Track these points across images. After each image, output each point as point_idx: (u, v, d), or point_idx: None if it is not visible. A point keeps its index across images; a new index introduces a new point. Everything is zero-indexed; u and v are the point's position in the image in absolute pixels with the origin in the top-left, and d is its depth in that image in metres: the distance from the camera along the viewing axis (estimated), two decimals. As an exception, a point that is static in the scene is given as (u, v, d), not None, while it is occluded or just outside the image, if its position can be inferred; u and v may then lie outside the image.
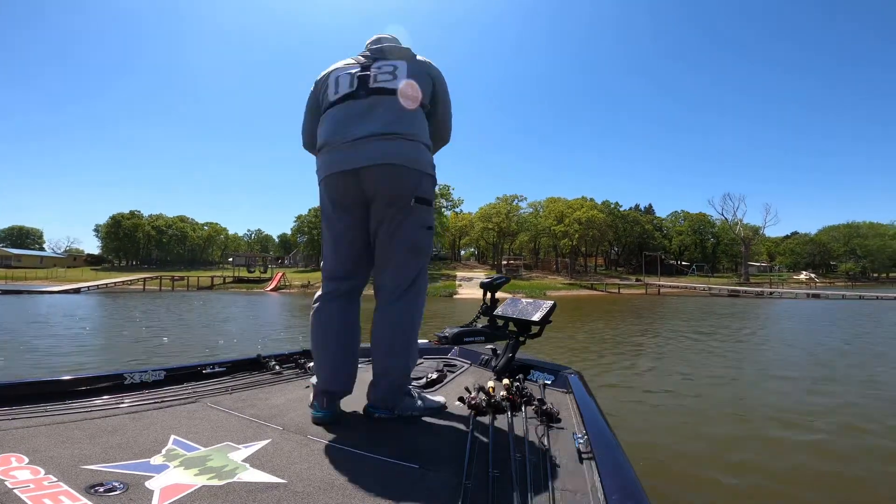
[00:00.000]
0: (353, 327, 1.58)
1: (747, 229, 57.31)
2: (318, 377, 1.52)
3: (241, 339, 9.27)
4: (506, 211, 52.21)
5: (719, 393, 5.03)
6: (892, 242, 65.56)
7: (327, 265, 1.61)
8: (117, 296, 28.71)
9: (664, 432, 3.69)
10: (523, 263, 58.53)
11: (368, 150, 1.47)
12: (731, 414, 4.24)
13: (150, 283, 41.59)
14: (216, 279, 45.31)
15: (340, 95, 1.56)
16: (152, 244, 71.94)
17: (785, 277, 57.34)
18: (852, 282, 56.31)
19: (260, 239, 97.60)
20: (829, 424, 3.88)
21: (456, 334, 2.22)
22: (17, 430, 1.25)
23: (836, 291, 34.77)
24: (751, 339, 9.77)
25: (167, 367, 1.88)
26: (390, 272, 1.56)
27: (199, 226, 78.83)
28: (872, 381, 5.61)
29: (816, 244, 70.05)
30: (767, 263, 67.40)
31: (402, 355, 1.54)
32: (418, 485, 1.04)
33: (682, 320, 14.27)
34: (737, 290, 36.69)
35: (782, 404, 4.51)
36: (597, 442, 1.17)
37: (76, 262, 72.08)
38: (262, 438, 1.28)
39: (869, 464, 3.12)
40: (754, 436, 3.64)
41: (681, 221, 68.24)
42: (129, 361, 6.73)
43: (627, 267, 62.00)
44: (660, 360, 7.02)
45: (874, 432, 3.70)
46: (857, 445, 3.44)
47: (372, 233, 1.56)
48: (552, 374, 1.99)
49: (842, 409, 4.32)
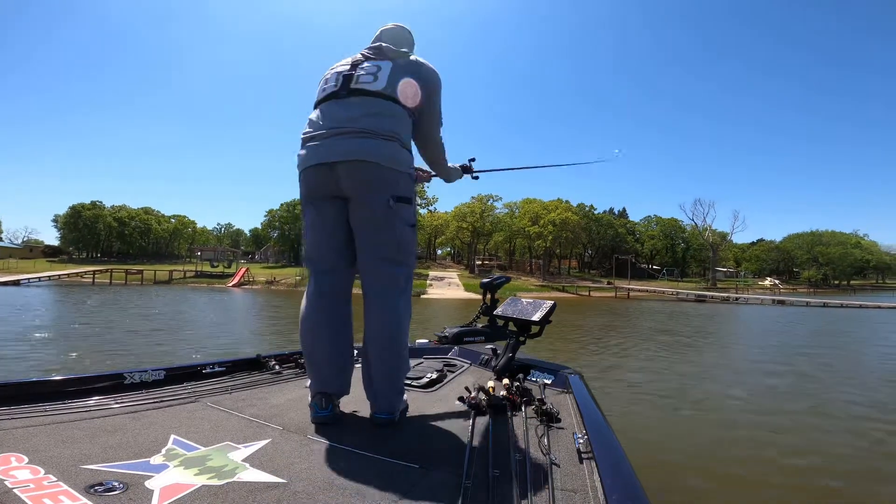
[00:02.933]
0: (346, 327, 1.56)
1: (716, 235, 58.48)
2: (312, 379, 1.51)
3: (158, 354, 7.81)
4: (480, 210, 51.77)
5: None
6: (853, 251, 68.05)
7: (311, 257, 1.57)
8: (62, 289, 27.07)
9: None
10: (498, 264, 58.35)
11: (344, 146, 1.47)
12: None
13: (100, 276, 39.50)
14: (176, 273, 43.32)
15: (325, 94, 1.58)
16: (114, 236, 69.19)
17: (750, 283, 58.71)
18: (814, 288, 58.10)
19: (231, 233, 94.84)
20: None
21: (456, 334, 2.23)
22: (17, 430, 1.24)
23: (801, 298, 35.47)
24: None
25: (167, 366, 1.87)
26: (376, 271, 1.54)
27: (164, 218, 75.82)
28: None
29: (781, 251, 72.07)
30: (734, 269, 69.00)
31: (397, 354, 1.52)
32: (418, 485, 1.04)
33: (647, 321, 13.99)
34: (704, 294, 37.09)
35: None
36: (597, 442, 1.17)
37: (33, 254, 68.61)
38: (261, 438, 1.28)
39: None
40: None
41: (653, 226, 69.18)
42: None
43: (600, 269, 62.48)
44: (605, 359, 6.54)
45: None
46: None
47: (354, 230, 1.54)
48: (552, 374, 1.98)
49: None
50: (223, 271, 46.00)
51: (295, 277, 40.73)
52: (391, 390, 1.50)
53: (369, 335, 1.52)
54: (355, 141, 1.47)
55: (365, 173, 1.47)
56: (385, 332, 1.51)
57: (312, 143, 1.51)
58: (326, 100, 1.56)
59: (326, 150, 1.48)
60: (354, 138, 1.47)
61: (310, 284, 1.57)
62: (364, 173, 1.46)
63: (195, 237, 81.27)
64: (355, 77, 1.56)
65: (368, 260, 1.54)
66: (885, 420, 4.67)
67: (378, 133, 1.49)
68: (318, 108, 1.58)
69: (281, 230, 60.04)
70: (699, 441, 3.95)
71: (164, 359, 7.19)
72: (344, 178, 1.47)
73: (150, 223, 71.93)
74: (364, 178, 1.47)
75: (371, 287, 1.54)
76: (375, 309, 1.52)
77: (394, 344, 1.51)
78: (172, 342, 8.85)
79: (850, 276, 68.83)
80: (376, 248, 1.52)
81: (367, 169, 1.46)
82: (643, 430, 4.16)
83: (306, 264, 1.59)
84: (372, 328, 1.51)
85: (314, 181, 1.51)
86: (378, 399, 1.49)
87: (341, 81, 1.56)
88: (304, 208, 1.58)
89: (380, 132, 1.49)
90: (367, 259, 1.54)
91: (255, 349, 3.09)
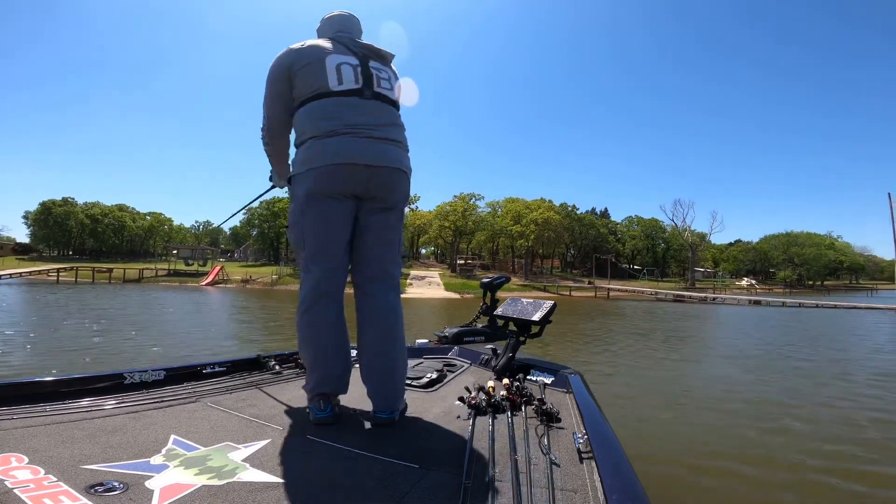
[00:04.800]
0: (344, 325, 1.56)
1: (695, 235, 59.20)
2: (312, 380, 1.50)
3: (71, 361, 6.78)
4: (462, 209, 51.47)
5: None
6: (827, 252, 69.65)
7: (317, 254, 1.52)
8: (22, 287, 25.98)
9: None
10: (480, 263, 58.18)
11: (380, 150, 1.51)
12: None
13: (66, 274, 38.15)
14: (147, 272, 42.08)
15: (346, 89, 1.52)
16: (86, 234, 67.26)
17: (728, 283, 59.60)
18: (789, 289, 59.25)
19: (210, 231, 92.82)
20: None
21: (456, 334, 2.28)
22: (17, 430, 1.24)
23: (777, 298, 35.92)
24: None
25: (167, 366, 1.85)
26: (380, 270, 1.58)
27: (140, 215, 73.94)
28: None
29: (758, 252, 73.34)
30: (712, 269, 70.05)
31: (400, 352, 1.54)
32: (418, 485, 1.04)
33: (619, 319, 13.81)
34: (682, 295, 37.34)
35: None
36: (597, 442, 1.17)
37: (3, 251, 66.23)
38: (262, 438, 1.28)
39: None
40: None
41: (634, 226, 69.77)
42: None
43: (582, 269, 62.76)
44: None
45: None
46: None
47: (364, 229, 1.56)
48: (552, 374, 1.99)
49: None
50: (197, 270, 44.78)
51: (272, 276, 39.91)
52: (392, 388, 1.50)
53: (369, 333, 1.53)
54: (391, 148, 1.54)
55: (397, 181, 1.55)
56: (386, 329, 1.53)
57: (341, 139, 1.47)
58: (348, 94, 1.52)
59: (364, 152, 1.48)
60: (388, 145, 1.53)
61: (308, 283, 1.53)
62: (396, 181, 1.55)
63: (172, 235, 79.39)
64: (375, 79, 1.57)
65: (373, 260, 1.57)
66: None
67: (401, 143, 1.59)
68: (339, 99, 1.51)
69: (261, 228, 58.90)
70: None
71: (79, 367, 6.22)
72: (377, 182, 1.50)
73: (125, 220, 70.19)
74: (395, 185, 1.55)
75: (372, 285, 1.57)
76: (376, 307, 1.54)
77: (394, 341, 1.53)
78: (100, 348, 8.13)
79: (824, 276, 70.42)
80: (384, 249, 1.57)
81: (399, 177, 1.56)
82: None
83: (309, 262, 1.53)
84: (372, 326, 1.53)
85: (341, 178, 1.47)
86: (378, 397, 1.49)
87: (363, 80, 1.55)
88: (313, 203, 1.50)
89: (401, 142, 1.59)
90: (373, 259, 1.57)
91: (198, 358, 2.70)
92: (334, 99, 1.50)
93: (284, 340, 9.00)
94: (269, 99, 1.59)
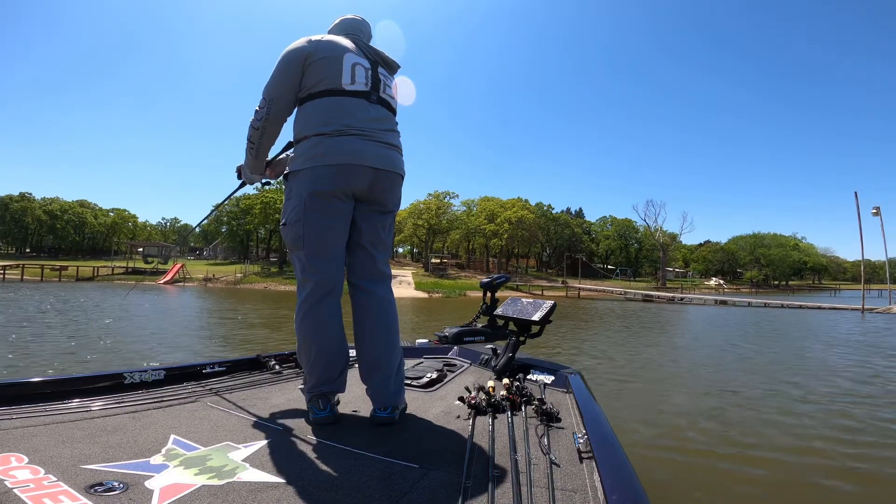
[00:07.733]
0: (341, 326, 1.57)
1: (666, 236, 60.08)
2: (312, 380, 1.50)
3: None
4: (436, 207, 50.89)
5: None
6: (792, 253, 71.73)
7: (318, 254, 1.52)
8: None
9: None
10: (455, 262, 57.74)
11: (390, 156, 1.57)
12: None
13: (12, 271, 36.18)
14: (103, 270, 40.19)
15: (356, 90, 1.55)
16: (44, 230, 64.40)
17: (697, 283, 60.71)
18: (756, 289, 60.67)
19: (177, 228, 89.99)
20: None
21: (456, 334, 2.37)
22: (17, 430, 1.24)
23: (743, 298, 36.40)
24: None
25: (167, 366, 1.85)
26: (375, 269, 1.61)
27: (102, 212, 71.21)
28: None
29: (726, 252, 74.95)
30: (683, 269, 71.32)
31: (397, 349, 1.56)
32: (418, 485, 1.04)
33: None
34: (651, 294, 37.64)
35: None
36: (597, 442, 1.17)
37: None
38: (262, 438, 1.29)
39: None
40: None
41: (608, 226, 70.45)
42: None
43: (557, 269, 62.99)
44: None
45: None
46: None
47: (363, 230, 1.59)
48: (552, 374, 1.98)
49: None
50: (157, 267, 43.01)
51: (235, 274, 38.63)
52: (390, 386, 1.50)
53: (367, 333, 1.54)
54: (394, 153, 1.59)
55: (396, 185, 1.61)
56: (383, 328, 1.55)
57: (351, 139, 1.49)
58: (356, 95, 1.54)
59: (372, 154, 1.51)
60: (391, 150, 1.58)
61: (308, 284, 1.52)
62: (395, 185, 1.61)
63: (136, 232, 76.65)
64: (382, 84, 1.61)
65: (369, 260, 1.59)
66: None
67: (400, 149, 1.64)
68: (348, 99, 1.52)
69: (230, 226, 57.14)
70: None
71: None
72: (379, 185, 1.54)
73: (86, 217, 67.47)
74: (394, 189, 1.60)
75: (368, 285, 1.59)
76: (373, 306, 1.56)
77: (392, 340, 1.55)
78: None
79: (789, 276, 72.54)
80: (379, 250, 1.61)
81: (398, 182, 1.62)
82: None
83: (308, 261, 1.51)
84: (370, 325, 1.55)
85: (349, 178, 1.49)
86: (378, 396, 1.50)
87: (371, 83, 1.58)
88: (317, 201, 1.48)
89: (400, 148, 1.65)
90: (368, 259, 1.59)
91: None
92: (345, 98, 1.52)
93: (227, 352, 8.26)
94: (277, 83, 1.54)
